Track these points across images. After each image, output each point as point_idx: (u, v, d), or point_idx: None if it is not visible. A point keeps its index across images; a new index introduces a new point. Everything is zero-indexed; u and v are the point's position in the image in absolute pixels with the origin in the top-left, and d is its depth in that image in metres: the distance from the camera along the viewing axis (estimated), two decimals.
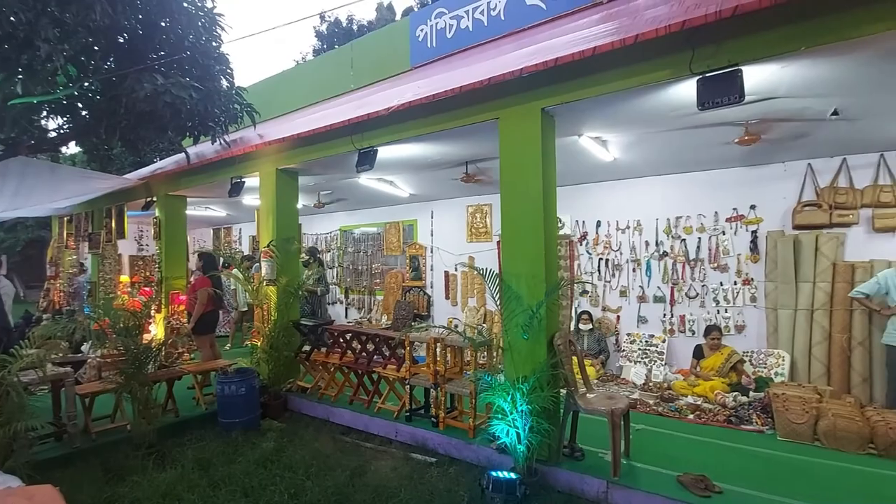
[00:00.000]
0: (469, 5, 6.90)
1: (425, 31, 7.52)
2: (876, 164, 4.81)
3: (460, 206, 8.07)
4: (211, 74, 6.23)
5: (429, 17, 7.47)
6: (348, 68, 8.64)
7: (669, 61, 2.94)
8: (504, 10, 6.49)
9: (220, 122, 6.39)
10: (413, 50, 7.64)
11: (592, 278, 6.65)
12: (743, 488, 3.22)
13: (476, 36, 6.84)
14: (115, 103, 5.55)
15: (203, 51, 6.18)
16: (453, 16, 7.13)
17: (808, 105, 3.51)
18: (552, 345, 3.65)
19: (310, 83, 9.35)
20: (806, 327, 5.03)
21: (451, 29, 7.20)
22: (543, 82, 3.45)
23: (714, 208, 5.72)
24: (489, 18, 6.69)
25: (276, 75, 10.72)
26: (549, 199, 3.70)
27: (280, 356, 5.35)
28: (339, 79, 8.69)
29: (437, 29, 7.37)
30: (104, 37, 5.43)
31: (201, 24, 6.16)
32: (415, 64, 7.56)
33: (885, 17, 2.38)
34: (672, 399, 5.09)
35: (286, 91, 9.70)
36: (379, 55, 8.18)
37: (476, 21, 6.84)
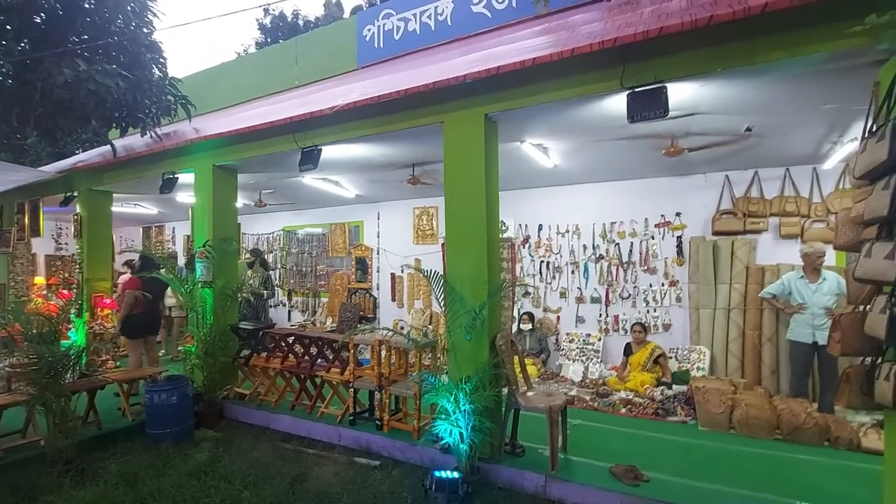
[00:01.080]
0: (417, 8, 6.93)
1: (372, 31, 7.48)
2: (783, 177, 5.36)
3: (407, 207, 8.08)
4: (141, 62, 5.86)
5: (376, 18, 7.43)
6: (293, 64, 8.41)
7: (603, 75, 3.13)
8: (451, 17, 6.59)
9: (152, 113, 6.03)
10: (360, 49, 7.56)
11: (534, 280, 6.88)
12: (668, 476, 3.46)
13: (423, 39, 6.88)
14: (30, 89, 5.09)
15: (132, 37, 5.81)
16: (401, 18, 7.14)
17: (725, 122, 3.85)
18: (494, 345, 3.76)
19: (251, 77, 9.00)
20: (723, 325, 5.50)
21: (399, 31, 7.20)
22: (487, 89, 3.55)
23: (644, 215, 6.12)
24: (436, 23, 6.76)
25: (215, 67, 10.23)
26: (492, 203, 3.80)
27: (216, 362, 5.11)
28: (282, 75, 8.43)
29: (385, 30, 7.35)
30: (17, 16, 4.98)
31: (130, 8, 5.79)
32: (361, 64, 7.49)
33: (780, 46, 2.66)
34: (606, 394, 5.37)
35: (226, 84, 9.28)
36: (325, 53, 8.03)
37: (423, 25, 6.89)
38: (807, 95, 3.33)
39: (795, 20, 2.59)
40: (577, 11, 5.06)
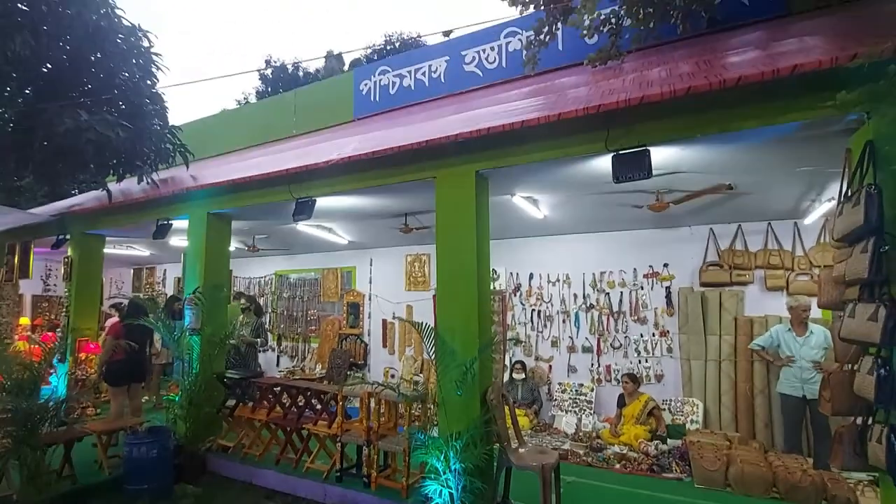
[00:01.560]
0: (412, 66, 7.26)
1: (369, 85, 7.78)
2: (765, 231, 5.51)
3: (399, 254, 8.14)
4: (142, 113, 6.02)
5: (373, 73, 7.75)
6: (291, 115, 8.68)
7: (588, 138, 3.27)
8: (444, 74, 6.90)
9: (150, 160, 6.14)
10: (356, 102, 7.85)
11: (525, 328, 6.87)
12: None
13: (418, 95, 7.17)
14: (31, 135, 5.20)
15: (135, 89, 6.00)
16: (396, 74, 7.46)
17: (706, 180, 4.00)
18: (486, 399, 3.71)
19: (250, 126, 9.25)
20: (715, 376, 5.48)
21: (395, 86, 7.51)
22: (477, 148, 3.68)
23: (633, 265, 6.22)
24: (430, 80, 7.07)
25: (216, 115, 10.54)
26: (482, 257, 3.86)
27: (200, 412, 4.97)
28: (280, 124, 8.68)
29: (381, 85, 7.65)
30: (24, 66, 5.14)
31: (135, 62, 6.01)
32: (358, 116, 7.75)
33: (755, 115, 2.83)
34: (600, 448, 5.25)
35: (225, 132, 9.51)
36: (322, 104, 8.31)
37: (418, 81, 7.20)
38: (783, 159, 3.49)
39: (769, 92, 2.76)
40: (563, 74, 5.34)
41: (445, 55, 6.94)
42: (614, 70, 4.51)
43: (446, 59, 6.93)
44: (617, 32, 4.49)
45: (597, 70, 4.68)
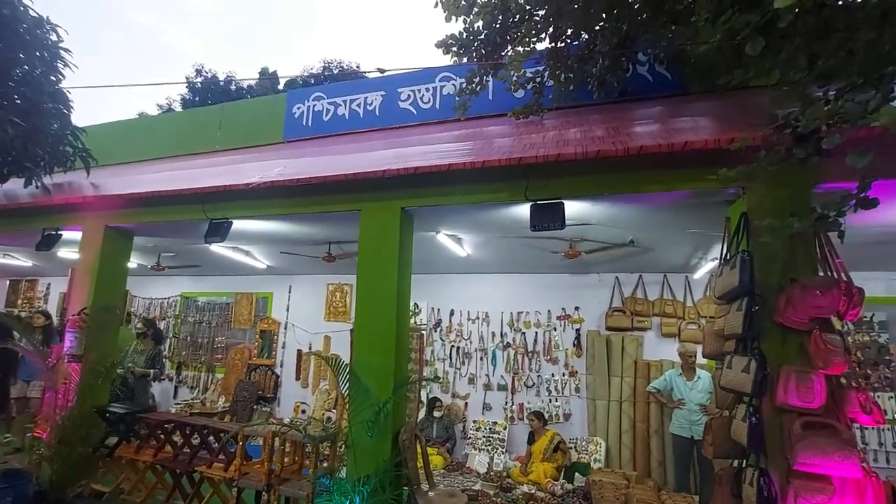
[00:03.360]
0: (347, 96, 7.28)
1: (302, 109, 7.66)
2: (662, 282, 6.07)
3: (321, 283, 7.89)
4: (39, 110, 5.43)
5: (306, 98, 7.66)
6: (216, 129, 8.27)
7: (509, 186, 3.45)
8: (379, 108, 6.99)
9: (43, 162, 5.51)
10: (288, 125, 7.67)
11: (444, 365, 6.87)
12: None
13: (352, 124, 7.16)
14: None
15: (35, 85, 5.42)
16: (331, 101, 7.43)
17: (612, 233, 4.36)
18: (398, 441, 3.62)
19: (170, 135, 8.64)
20: (617, 416, 5.81)
21: (329, 113, 7.46)
22: (404, 185, 3.73)
23: (548, 307, 6.53)
24: (365, 112, 7.11)
25: (133, 120, 9.76)
26: (403, 294, 3.85)
27: (72, 452, 4.35)
28: (204, 137, 8.21)
29: (315, 110, 7.56)
30: None
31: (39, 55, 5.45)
32: (288, 139, 7.56)
33: (655, 181, 3.15)
34: (510, 488, 5.29)
35: (141, 139, 8.80)
36: (252, 123, 8.00)
37: (353, 111, 7.21)
38: (677, 220, 3.90)
39: (666, 162, 3.10)
40: (492, 122, 5.62)
41: (382, 90, 7.05)
42: (537, 125, 4.84)
43: (382, 93, 7.03)
44: (540, 91, 4.85)
45: (521, 122, 5.00)
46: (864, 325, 5.30)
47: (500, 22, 4.62)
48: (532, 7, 4.38)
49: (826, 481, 2.53)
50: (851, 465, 2.46)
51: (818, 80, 2.37)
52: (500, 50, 4.90)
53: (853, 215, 2.25)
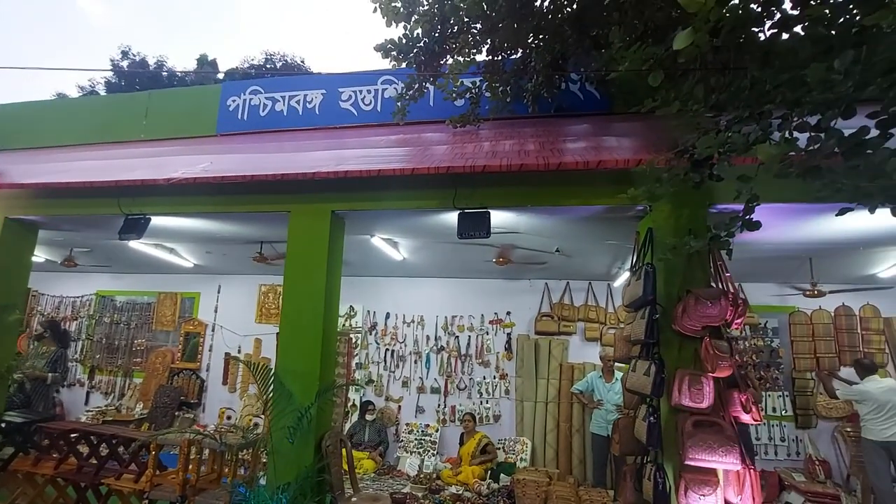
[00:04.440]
0: (286, 92, 7.09)
1: (238, 102, 7.36)
2: (587, 288, 6.41)
3: (252, 283, 7.61)
4: None
5: (243, 91, 7.37)
6: (142, 117, 7.76)
7: (438, 194, 3.52)
8: (319, 106, 6.86)
9: None
10: (222, 117, 7.33)
11: (378, 368, 6.86)
12: None
13: (290, 122, 6.98)
14: None
15: None
16: (269, 96, 7.20)
17: (539, 242, 4.56)
18: (321, 447, 3.58)
19: (90, 121, 7.97)
20: (543, 417, 6.07)
21: (266, 108, 7.22)
22: (335, 188, 3.71)
23: (481, 311, 6.70)
24: (304, 109, 6.95)
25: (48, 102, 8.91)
26: (331, 297, 3.82)
27: None
28: (128, 125, 7.67)
29: (251, 104, 7.29)
30: None
31: None
32: (222, 132, 7.24)
33: (574, 195, 3.35)
34: (438, 490, 5.36)
35: (56, 122, 8.05)
36: (183, 113, 7.58)
37: (291, 108, 7.03)
38: (596, 232, 4.15)
39: (584, 179, 3.29)
40: (432, 128, 5.69)
41: (322, 88, 6.93)
42: (473, 135, 4.96)
43: (323, 92, 6.91)
44: (476, 101, 4.98)
45: (459, 131, 5.10)
46: (759, 331, 5.89)
47: (440, 31, 4.69)
48: (470, 20, 4.49)
49: (712, 474, 2.79)
50: (733, 458, 2.73)
51: (712, 112, 2.63)
52: (439, 58, 4.98)
53: (749, 234, 2.50)
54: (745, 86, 2.37)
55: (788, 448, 5.64)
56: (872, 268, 5.00)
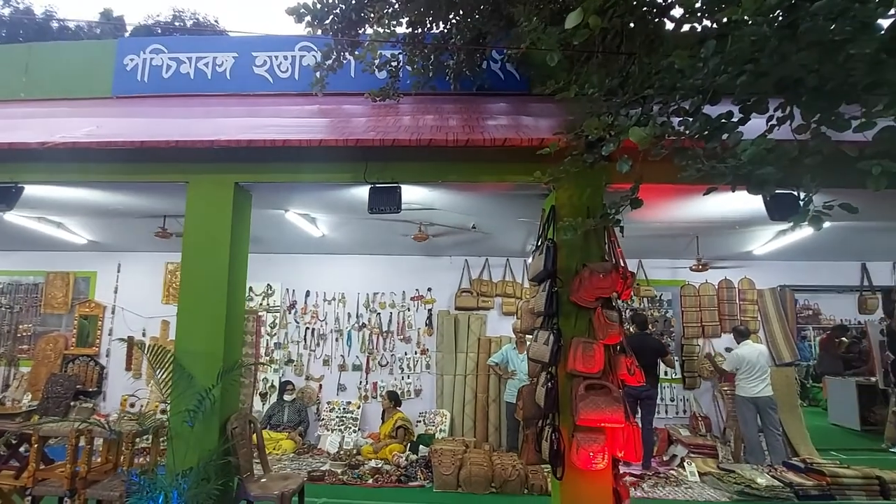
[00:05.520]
0: (193, 53, 6.52)
1: (136, 62, 6.67)
2: (504, 265, 6.64)
3: (157, 261, 7.07)
4: None
5: (143, 50, 6.68)
6: (21, 73, 6.81)
7: (349, 168, 3.44)
8: (231, 71, 6.39)
9: None
10: (118, 78, 6.62)
11: (298, 347, 6.71)
12: None
13: (198, 86, 6.45)
14: None
15: None
16: (173, 57, 6.59)
17: (456, 219, 4.62)
18: (226, 429, 3.46)
19: None
20: (461, 389, 6.29)
21: (170, 70, 6.60)
22: (238, 158, 3.50)
23: (402, 288, 6.74)
24: (214, 73, 6.45)
25: None
26: (237, 274, 3.63)
27: None
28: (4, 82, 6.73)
29: (153, 64, 6.64)
30: None
31: None
32: (118, 94, 6.54)
33: (487, 172, 3.41)
34: (358, 465, 5.39)
35: None
36: (71, 71, 6.75)
37: (199, 71, 6.49)
38: (510, 209, 4.28)
39: (493, 156, 3.35)
40: (352, 100, 5.52)
41: (234, 51, 6.45)
42: (394, 108, 4.88)
43: (235, 55, 6.44)
44: (396, 75, 4.89)
45: (380, 104, 4.99)
46: (655, 303, 6.47)
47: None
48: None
49: (600, 432, 3.04)
50: (618, 416, 2.98)
51: (607, 96, 2.77)
52: (356, 27, 4.81)
53: (645, 213, 2.69)
54: (633, 71, 2.52)
55: (677, 407, 6.32)
56: (748, 245, 5.63)
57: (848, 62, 1.80)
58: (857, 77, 1.83)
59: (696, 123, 1.99)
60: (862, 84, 1.84)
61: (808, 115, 1.92)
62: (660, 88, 2.21)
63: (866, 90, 1.83)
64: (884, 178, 1.71)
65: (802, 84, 1.90)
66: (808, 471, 4.95)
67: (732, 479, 4.83)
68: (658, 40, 2.54)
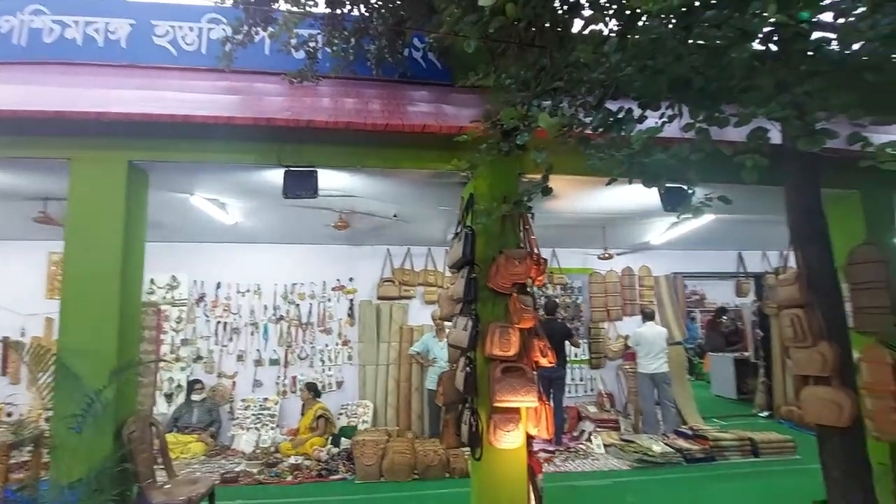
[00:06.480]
0: (80, 16, 5.75)
1: (13, 24, 5.76)
2: (426, 254, 6.70)
3: (40, 251, 6.24)
4: None
5: (20, 10, 5.79)
6: None
7: (262, 149, 3.26)
8: (126, 39, 5.73)
9: None
10: None
11: (209, 343, 6.28)
12: None
13: (87, 53, 5.70)
14: None
15: None
16: (57, 20, 5.78)
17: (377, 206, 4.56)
18: (121, 434, 3.15)
19: None
20: (384, 379, 6.28)
21: (53, 34, 5.78)
22: (131, 134, 3.17)
23: (323, 278, 6.55)
24: (106, 41, 5.73)
25: None
26: (133, 262, 3.31)
27: None
28: None
29: (32, 27, 5.79)
30: None
31: None
32: None
33: (407, 159, 3.39)
34: (275, 464, 5.18)
35: None
36: None
37: (88, 37, 5.73)
38: (431, 198, 4.30)
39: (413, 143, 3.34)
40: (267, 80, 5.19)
41: (131, 17, 5.78)
42: (314, 90, 4.66)
43: (131, 22, 5.76)
44: (314, 56, 4.68)
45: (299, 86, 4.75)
46: (568, 290, 6.89)
47: None
48: None
49: (516, 412, 3.17)
50: (531, 397, 3.13)
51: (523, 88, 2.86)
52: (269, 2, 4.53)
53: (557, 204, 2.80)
54: (545, 64, 2.62)
55: (585, 386, 6.81)
56: (647, 236, 6.17)
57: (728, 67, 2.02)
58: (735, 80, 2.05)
59: (599, 115, 2.12)
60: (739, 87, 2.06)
61: (695, 114, 2.12)
62: (568, 82, 2.32)
63: (742, 92, 2.06)
64: (755, 171, 1.93)
65: (690, 85, 2.09)
66: (694, 437, 5.57)
67: (632, 449, 5.31)
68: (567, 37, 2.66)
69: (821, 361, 3.10)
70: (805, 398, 3.19)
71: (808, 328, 3.15)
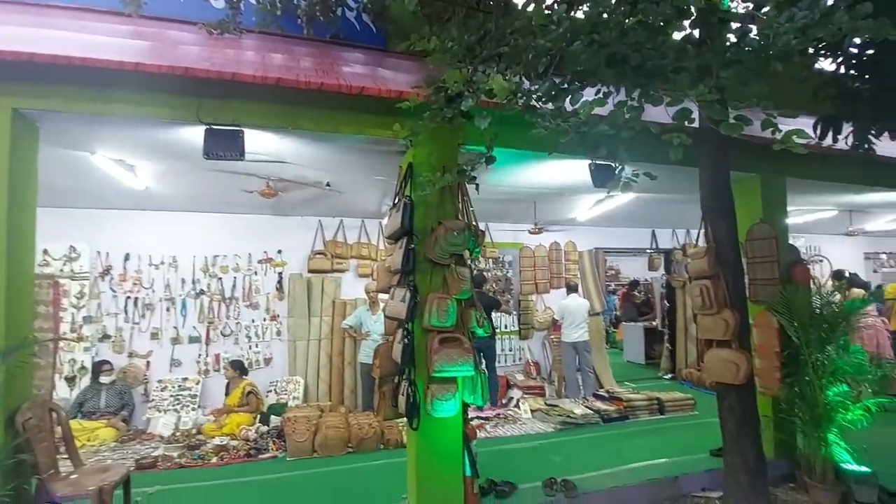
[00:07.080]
0: None
1: None
2: (360, 226, 6.53)
3: None
4: None
5: None
6: None
7: (177, 103, 2.93)
8: None
9: None
10: None
11: (117, 320, 5.71)
12: None
13: None
14: None
15: None
16: None
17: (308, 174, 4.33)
18: (14, 422, 2.79)
19: None
20: (316, 354, 6.11)
21: None
22: (15, 77, 2.71)
23: (248, 250, 6.16)
24: None
25: None
26: (20, 227, 2.87)
27: None
28: None
29: None
30: None
31: None
32: None
33: (342, 122, 3.22)
34: (198, 446, 4.89)
35: None
36: None
37: None
38: (366, 166, 4.15)
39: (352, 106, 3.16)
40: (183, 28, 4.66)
41: None
42: (237, 43, 4.25)
43: None
44: (237, 7, 4.26)
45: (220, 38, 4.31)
46: (500, 264, 7.09)
47: None
48: None
49: (452, 381, 3.22)
50: (469, 366, 3.18)
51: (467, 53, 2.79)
52: None
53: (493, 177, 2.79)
54: (489, 28, 2.57)
55: (514, 356, 7.12)
56: (574, 212, 6.47)
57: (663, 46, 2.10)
58: (668, 60, 2.14)
59: (545, 84, 2.13)
60: (671, 67, 2.15)
61: (630, 91, 2.19)
62: (514, 48, 2.30)
63: (673, 72, 2.15)
64: (680, 149, 2.05)
65: (628, 61, 2.15)
66: (610, 399, 6.06)
67: (556, 412, 5.68)
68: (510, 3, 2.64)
69: (724, 327, 3.47)
70: (708, 360, 3.56)
71: (715, 297, 3.50)
